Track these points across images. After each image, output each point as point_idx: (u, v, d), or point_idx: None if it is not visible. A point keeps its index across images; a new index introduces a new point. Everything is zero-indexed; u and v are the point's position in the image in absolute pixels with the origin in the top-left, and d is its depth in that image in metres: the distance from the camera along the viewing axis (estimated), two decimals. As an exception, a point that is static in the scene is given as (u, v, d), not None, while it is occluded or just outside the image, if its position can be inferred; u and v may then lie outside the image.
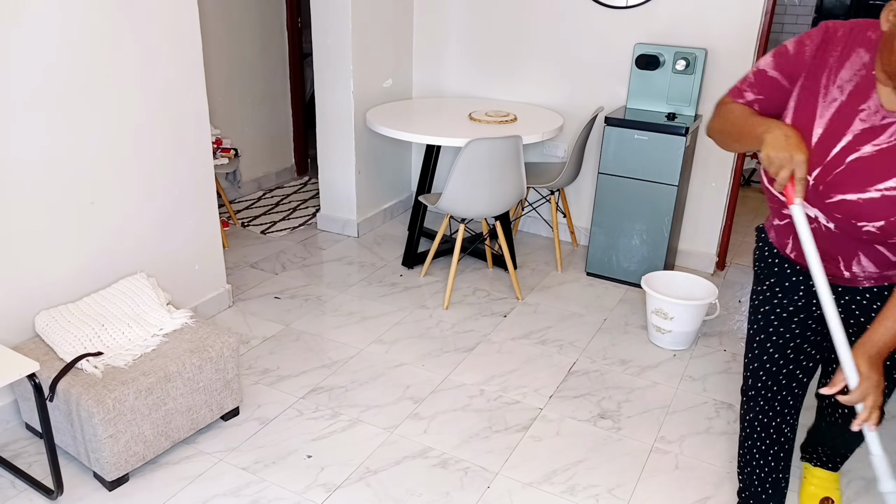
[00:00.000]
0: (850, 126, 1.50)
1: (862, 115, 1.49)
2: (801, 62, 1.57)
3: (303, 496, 2.19)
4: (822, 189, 1.53)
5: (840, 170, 1.50)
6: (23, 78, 2.21)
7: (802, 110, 1.55)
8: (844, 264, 1.63)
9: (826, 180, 1.53)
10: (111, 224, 2.62)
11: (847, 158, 1.50)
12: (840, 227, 1.55)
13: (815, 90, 1.54)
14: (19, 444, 2.38)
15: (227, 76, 4.42)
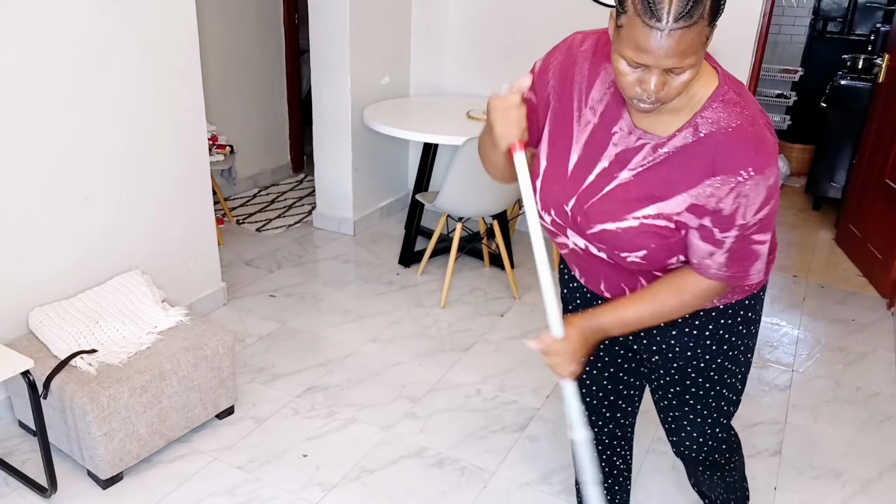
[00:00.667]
0: (605, 151, 1.37)
1: (615, 139, 1.36)
2: (545, 82, 1.44)
3: (298, 495, 2.18)
4: (580, 220, 1.42)
5: (597, 198, 1.38)
6: (18, 75, 2.19)
7: (557, 137, 1.43)
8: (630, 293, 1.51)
9: (583, 210, 1.40)
10: (105, 220, 2.60)
11: (605, 187, 1.37)
12: (609, 256, 1.44)
13: (568, 113, 1.41)
14: (13, 442, 2.36)
15: (223, 72, 4.39)
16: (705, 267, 1.36)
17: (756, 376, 2.90)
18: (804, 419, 2.64)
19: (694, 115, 1.28)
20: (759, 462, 2.40)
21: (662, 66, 1.16)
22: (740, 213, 1.28)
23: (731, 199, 1.26)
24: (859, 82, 4.54)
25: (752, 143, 1.25)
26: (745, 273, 1.37)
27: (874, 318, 3.42)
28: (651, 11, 1.12)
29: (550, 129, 1.44)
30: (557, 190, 1.44)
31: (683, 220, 1.32)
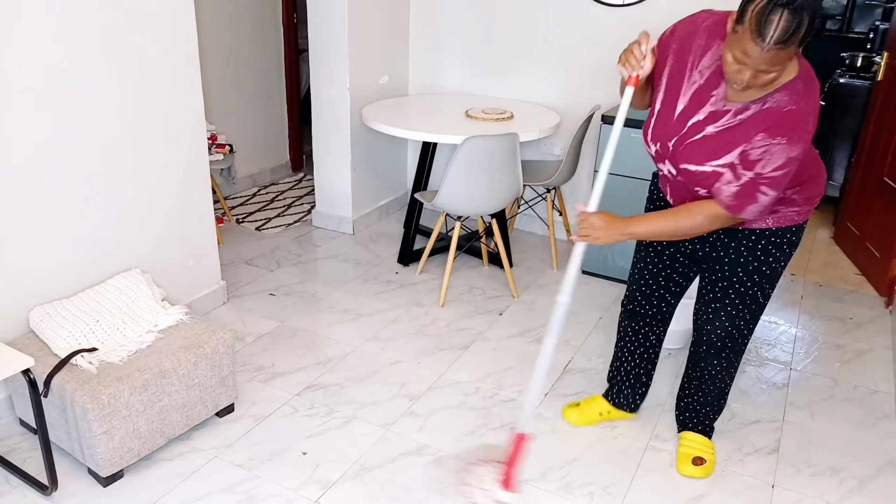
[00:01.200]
0: (703, 107, 1.85)
1: (712, 100, 1.83)
2: (669, 45, 1.91)
3: (298, 493, 2.19)
4: (675, 155, 1.92)
5: (688, 143, 1.88)
6: (17, 74, 2.20)
7: (671, 86, 1.90)
8: None
9: (679, 148, 1.90)
10: (105, 220, 2.61)
11: (695, 136, 1.87)
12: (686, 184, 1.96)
13: (682, 71, 1.87)
14: (13, 440, 2.37)
15: (222, 72, 4.40)
16: (719, 192, 1.83)
17: (754, 374, 2.91)
18: (802, 417, 2.65)
19: (769, 94, 1.74)
20: (757, 459, 2.41)
21: (756, 69, 1.63)
22: (761, 163, 1.75)
23: (761, 152, 1.75)
24: (858, 80, 4.55)
25: (793, 123, 1.72)
26: (742, 208, 1.82)
27: (872, 317, 3.43)
28: (760, 33, 1.57)
29: (667, 80, 1.91)
30: (664, 129, 1.93)
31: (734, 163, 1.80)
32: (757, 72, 1.64)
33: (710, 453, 2.37)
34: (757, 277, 2.08)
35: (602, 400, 2.59)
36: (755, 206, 1.81)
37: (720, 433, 2.53)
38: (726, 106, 1.81)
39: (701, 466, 2.33)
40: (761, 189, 1.78)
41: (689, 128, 1.87)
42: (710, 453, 2.37)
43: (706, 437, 2.41)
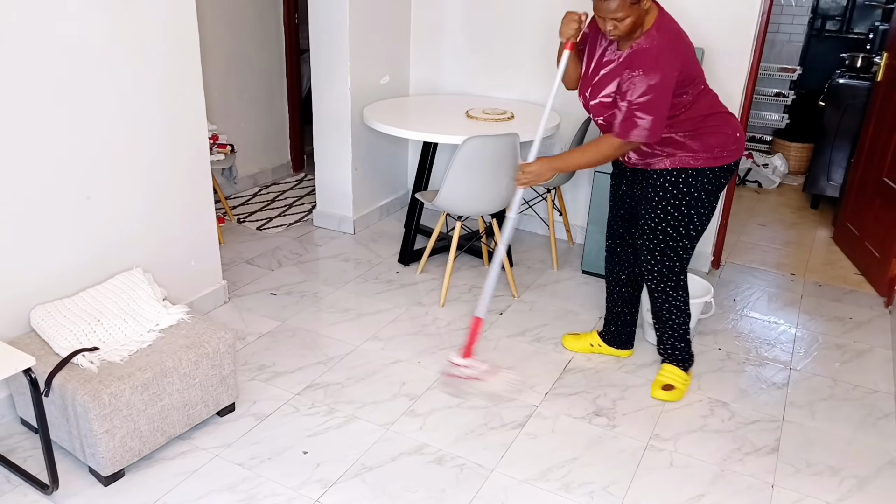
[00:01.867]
0: (603, 58, 2.41)
1: (608, 53, 2.40)
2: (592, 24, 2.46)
3: (298, 492, 2.19)
4: (589, 98, 2.46)
5: (593, 83, 2.44)
6: (18, 73, 2.20)
7: (590, 51, 2.48)
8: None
9: (590, 91, 2.45)
10: (107, 219, 2.61)
11: (597, 76, 2.42)
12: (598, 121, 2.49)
13: (595, 39, 2.46)
14: (14, 440, 2.37)
15: (223, 72, 4.41)
16: (612, 125, 2.35)
17: (754, 374, 2.91)
18: (801, 417, 2.66)
19: (637, 42, 2.31)
20: (757, 459, 2.42)
21: (610, 18, 2.22)
22: (629, 93, 2.28)
23: (627, 83, 2.28)
24: (858, 81, 4.55)
25: (648, 57, 2.26)
26: (627, 132, 2.31)
27: (871, 316, 3.43)
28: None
29: (588, 47, 2.49)
30: (586, 81, 2.48)
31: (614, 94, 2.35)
32: (613, 21, 2.22)
33: (680, 382, 2.72)
34: (662, 214, 2.50)
35: (597, 335, 2.99)
36: (637, 131, 2.29)
37: (718, 432, 2.54)
38: (615, 54, 2.37)
39: (669, 391, 2.69)
40: (636, 114, 2.27)
41: (596, 75, 2.43)
42: (680, 382, 2.72)
43: (680, 369, 2.74)
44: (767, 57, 5.80)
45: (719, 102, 2.49)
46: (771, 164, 5.42)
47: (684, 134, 2.40)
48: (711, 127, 2.42)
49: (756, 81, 3.55)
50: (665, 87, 2.25)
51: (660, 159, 2.46)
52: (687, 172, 2.44)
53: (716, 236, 3.79)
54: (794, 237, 4.41)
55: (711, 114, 2.43)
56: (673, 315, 2.68)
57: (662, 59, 2.25)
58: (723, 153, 2.44)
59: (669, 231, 2.51)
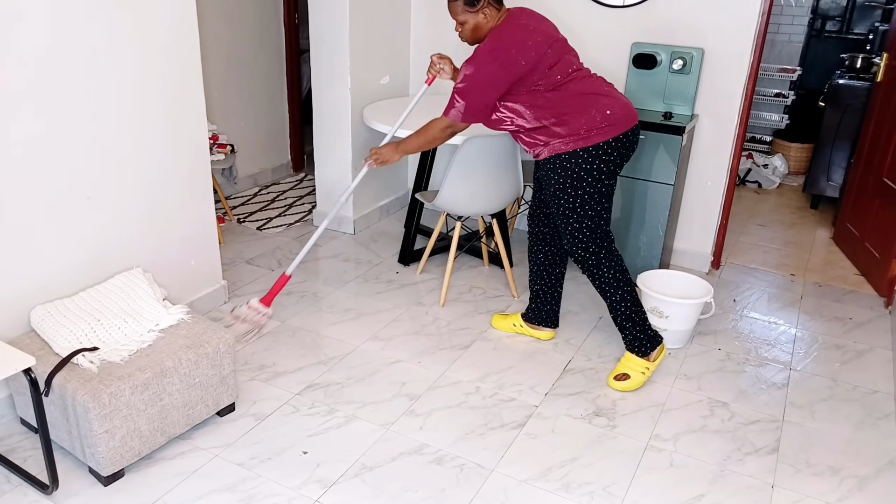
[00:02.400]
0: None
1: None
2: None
3: (298, 492, 2.19)
4: None
5: None
6: (19, 72, 2.20)
7: None
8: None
9: None
10: (107, 219, 2.61)
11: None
12: None
13: None
14: (14, 439, 2.37)
15: (224, 72, 4.41)
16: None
17: (754, 374, 2.91)
18: (801, 417, 2.66)
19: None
20: (757, 459, 2.42)
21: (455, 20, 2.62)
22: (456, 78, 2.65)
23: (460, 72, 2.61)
24: (857, 81, 4.55)
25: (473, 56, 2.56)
26: (447, 112, 2.63)
27: (871, 317, 3.43)
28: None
29: None
30: None
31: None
32: (457, 23, 2.61)
33: (637, 371, 2.77)
34: (555, 199, 2.67)
35: (519, 316, 3.13)
36: (454, 111, 2.60)
37: (718, 432, 2.54)
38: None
39: (622, 382, 2.76)
40: (455, 97, 2.59)
41: None
42: (637, 371, 2.77)
43: (637, 356, 2.79)
44: (767, 57, 5.80)
45: (595, 87, 2.61)
46: (771, 165, 5.42)
47: (550, 122, 2.57)
48: (576, 109, 2.54)
49: (756, 82, 3.55)
50: (479, 78, 2.53)
51: (540, 150, 2.63)
52: (562, 157, 2.59)
53: (716, 237, 3.80)
54: (794, 237, 4.41)
55: (578, 96, 2.56)
56: (608, 293, 2.75)
57: (482, 56, 2.53)
58: (590, 133, 2.54)
59: (569, 213, 2.66)
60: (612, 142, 2.58)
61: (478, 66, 2.54)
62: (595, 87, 2.61)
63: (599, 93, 2.60)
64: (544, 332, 3.08)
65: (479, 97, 2.57)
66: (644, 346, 2.78)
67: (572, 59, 2.63)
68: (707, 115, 3.58)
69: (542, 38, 2.54)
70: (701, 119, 3.59)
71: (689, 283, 3.16)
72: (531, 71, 2.52)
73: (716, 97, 3.53)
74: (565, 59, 2.59)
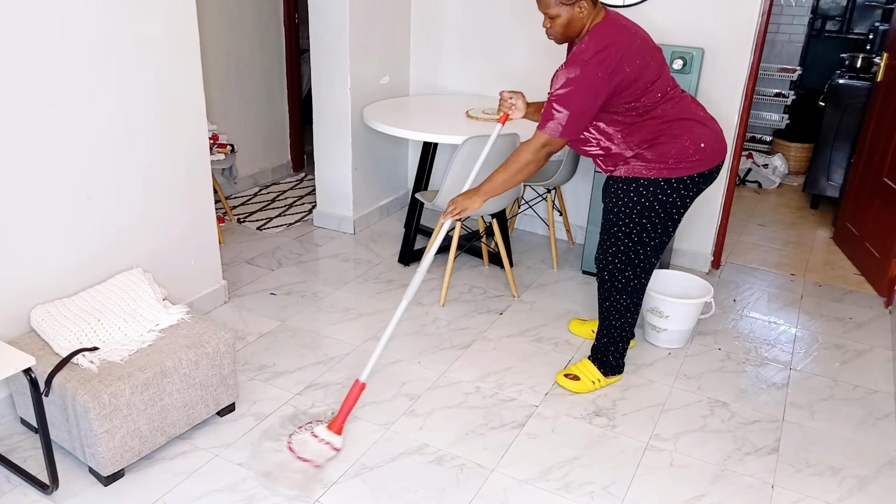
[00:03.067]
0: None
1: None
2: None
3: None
4: None
5: None
6: (18, 72, 2.20)
7: None
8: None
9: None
10: (107, 219, 2.61)
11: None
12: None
13: None
14: (14, 439, 2.37)
15: (224, 72, 4.41)
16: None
17: (754, 374, 2.91)
18: (801, 417, 2.66)
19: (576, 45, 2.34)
20: (757, 459, 2.42)
21: (544, 13, 2.33)
22: (553, 86, 2.33)
23: (554, 78, 2.34)
24: (858, 81, 4.55)
25: (575, 56, 2.29)
26: (544, 125, 2.34)
27: (871, 317, 3.43)
28: None
29: None
30: None
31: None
32: (548, 18, 2.33)
33: (588, 379, 2.73)
34: (614, 218, 2.51)
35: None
36: (552, 123, 2.32)
37: (718, 432, 2.54)
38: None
39: (572, 381, 2.73)
40: (554, 106, 2.31)
41: None
42: (588, 379, 2.73)
43: (597, 370, 2.76)
44: (767, 57, 5.80)
45: (691, 110, 2.42)
46: (771, 165, 5.42)
47: (639, 143, 2.38)
48: (670, 136, 2.36)
49: (756, 81, 3.55)
50: (585, 82, 2.25)
51: (618, 167, 2.46)
52: (638, 182, 2.41)
53: (716, 236, 3.80)
54: (794, 237, 4.41)
55: (674, 122, 2.37)
56: (612, 315, 2.69)
57: (587, 56, 2.25)
58: (679, 164, 2.37)
59: (620, 236, 2.52)
60: (697, 177, 2.41)
61: (584, 68, 2.24)
62: (692, 112, 2.42)
63: (696, 119, 2.40)
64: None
65: (585, 104, 2.28)
66: (610, 367, 2.76)
67: (669, 74, 2.42)
68: (707, 114, 3.57)
69: (645, 46, 2.33)
70: (701, 119, 3.59)
71: (689, 282, 3.16)
72: (633, 82, 2.29)
73: (716, 97, 3.52)
74: (665, 73, 2.39)
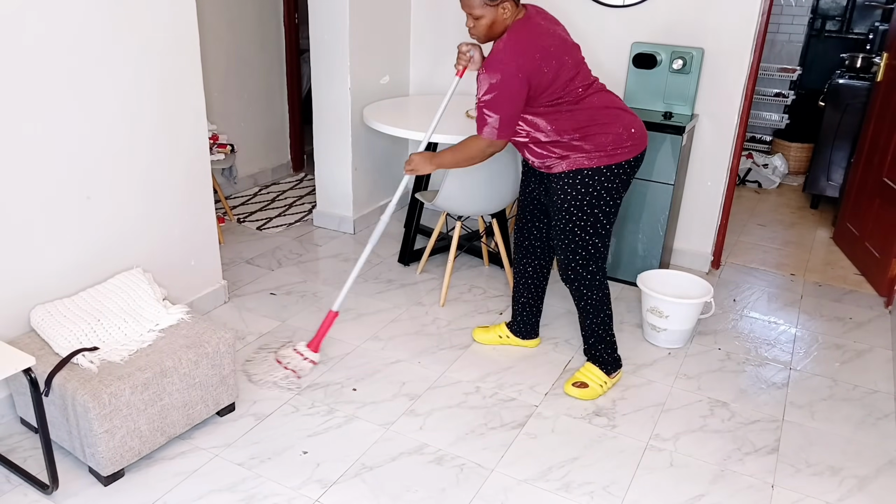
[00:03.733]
0: None
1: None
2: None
3: (298, 492, 2.19)
4: None
5: None
6: (18, 73, 2.20)
7: None
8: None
9: None
10: (107, 219, 2.61)
11: None
12: None
13: None
14: (14, 439, 2.37)
15: (224, 72, 4.41)
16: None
17: (754, 374, 2.91)
18: (801, 417, 2.66)
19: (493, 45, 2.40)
20: (757, 459, 2.42)
21: (468, 13, 2.36)
22: (478, 91, 2.38)
23: (477, 83, 2.39)
24: (857, 81, 4.55)
25: (491, 58, 2.35)
26: (481, 129, 2.41)
27: (871, 316, 3.43)
28: None
29: None
30: None
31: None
32: (471, 18, 2.36)
33: (596, 383, 2.73)
34: (567, 215, 2.53)
35: (504, 326, 3.05)
36: (487, 128, 2.39)
37: (718, 432, 2.54)
38: None
39: (581, 389, 2.71)
40: (484, 112, 2.37)
41: None
42: (596, 383, 2.73)
43: (601, 370, 2.75)
44: (767, 57, 5.80)
45: (612, 100, 2.51)
46: (771, 165, 5.42)
47: (572, 136, 2.43)
48: (600, 125, 2.43)
49: (756, 81, 3.55)
50: (507, 85, 2.31)
51: (556, 162, 2.49)
52: (583, 173, 2.47)
53: (716, 236, 3.80)
54: (793, 237, 4.41)
55: (600, 109, 2.45)
56: (589, 314, 2.72)
57: (505, 58, 2.31)
58: (616, 150, 2.46)
59: (577, 231, 2.55)
60: (633, 161, 2.51)
61: (505, 73, 2.31)
62: (616, 102, 2.51)
63: (621, 108, 2.51)
64: (530, 342, 3.03)
65: (511, 107, 2.36)
66: (610, 364, 2.76)
67: (587, 69, 2.50)
68: (707, 115, 3.58)
69: (563, 46, 2.40)
70: (701, 119, 3.59)
71: (689, 282, 3.16)
72: (551, 82, 2.36)
73: (716, 97, 3.53)
74: (583, 69, 2.47)
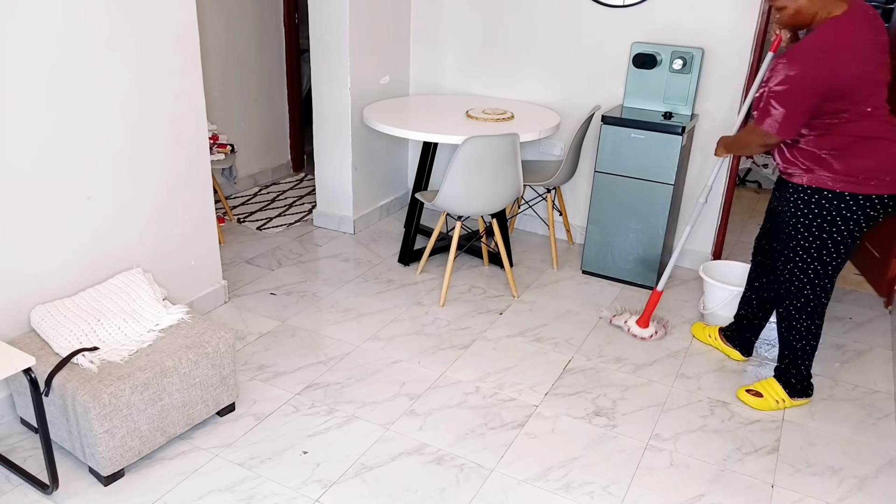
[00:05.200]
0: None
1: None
2: None
3: (298, 492, 2.19)
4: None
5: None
6: (19, 73, 2.20)
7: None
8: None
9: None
10: (107, 219, 2.61)
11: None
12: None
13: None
14: (14, 439, 2.37)
15: (224, 72, 4.41)
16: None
17: (754, 374, 2.91)
18: (801, 417, 2.65)
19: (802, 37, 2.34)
20: (757, 459, 2.42)
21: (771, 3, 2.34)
22: (771, 80, 2.27)
23: (773, 70, 2.28)
24: (858, 81, 4.53)
25: (797, 50, 2.23)
26: (762, 119, 2.32)
27: (871, 317, 3.43)
28: None
29: None
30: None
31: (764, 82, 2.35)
32: (773, 8, 2.34)
33: (773, 397, 2.65)
34: (793, 231, 2.45)
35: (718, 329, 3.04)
36: (769, 120, 2.29)
37: (718, 432, 2.54)
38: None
39: (753, 396, 2.67)
40: (771, 102, 2.27)
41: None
42: (773, 397, 2.65)
43: (783, 389, 2.66)
44: (767, 57, 5.79)
45: (889, 129, 2.28)
46: (771, 165, 5.42)
47: (829, 151, 2.29)
48: (864, 150, 2.25)
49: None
50: (802, 82, 2.19)
51: (799, 172, 2.37)
52: (821, 193, 2.33)
53: (716, 236, 3.80)
54: (794, 237, 4.41)
55: (870, 137, 2.25)
56: (792, 336, 2.61)
57: (808, 55, 2.19)
58: (870, 181, 2.27)
59: (800, 251, 2.45)
60: (887, 198, 2.31)
61: (805, 66, 2.17)
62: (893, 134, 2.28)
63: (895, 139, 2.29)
64: (735, 353, 2.97)
65: (800, 105, 2.22)
66: (794, 389, 2.66)
67: (885, 92, 2.28)
68: (707, 115, 3.58)
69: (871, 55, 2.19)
70: (701, 119, 3.59)
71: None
72: (849, 89, 2.19)
73: (716, 97, 3.53)
74: (880, 91, 2.26)
